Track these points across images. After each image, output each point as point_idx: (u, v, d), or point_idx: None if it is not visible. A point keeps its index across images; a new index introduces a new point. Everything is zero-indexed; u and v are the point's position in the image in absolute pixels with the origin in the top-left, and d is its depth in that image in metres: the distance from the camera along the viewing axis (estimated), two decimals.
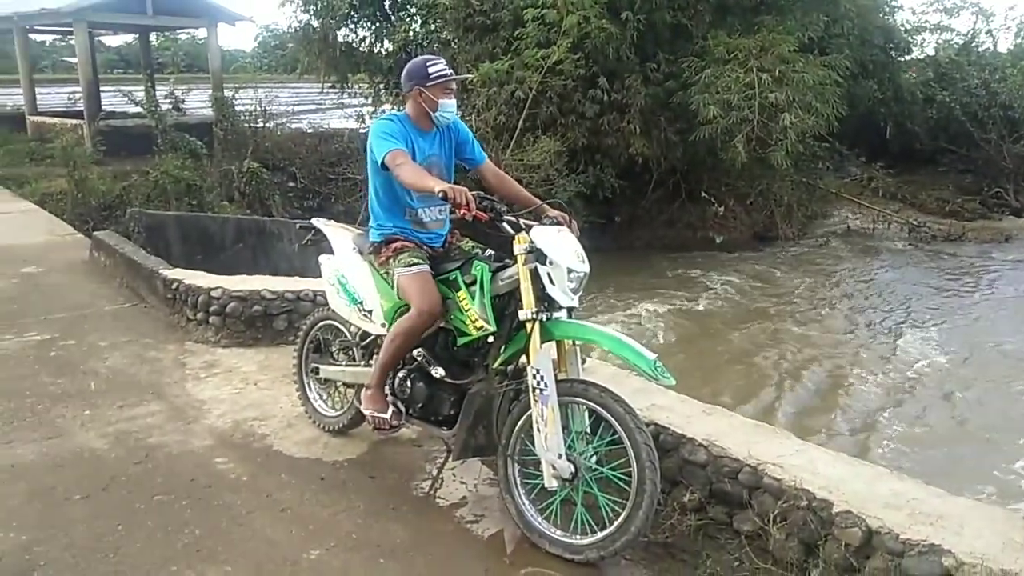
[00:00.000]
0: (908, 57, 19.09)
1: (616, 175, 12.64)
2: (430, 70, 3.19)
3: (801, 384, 7.66)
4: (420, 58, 3.29)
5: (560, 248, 2.86)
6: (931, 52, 19.73)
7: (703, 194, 13.89)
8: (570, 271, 2.83)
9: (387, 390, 3.26)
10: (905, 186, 16.42)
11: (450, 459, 3.35)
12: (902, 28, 18.81)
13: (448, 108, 3.20)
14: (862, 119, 16.42)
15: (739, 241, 13.76)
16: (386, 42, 15.06)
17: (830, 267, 12.76)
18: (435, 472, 3.44)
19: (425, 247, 3.29)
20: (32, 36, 20.69)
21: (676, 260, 12.86)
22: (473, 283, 3.04)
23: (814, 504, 2.56)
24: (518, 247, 2.88)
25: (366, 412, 3.25)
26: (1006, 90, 17.26)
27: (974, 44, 20.24)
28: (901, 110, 17.29)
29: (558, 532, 2.85)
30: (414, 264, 3.12)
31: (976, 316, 10.27)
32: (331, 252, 3.66)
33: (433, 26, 14.28)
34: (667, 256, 13.10)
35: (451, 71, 3.22)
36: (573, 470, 2.78)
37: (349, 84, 16.52)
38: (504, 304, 3.00)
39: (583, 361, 3.15)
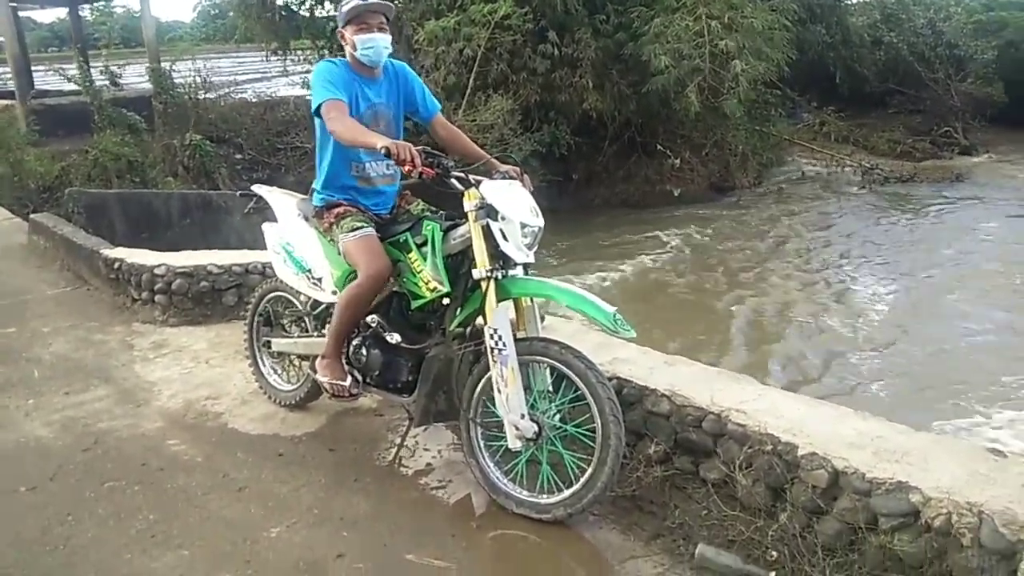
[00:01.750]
0: (855, 0, 19.15)
1: (571, 132, 12.51)
2: (343, 9, 3.02)
3: (761, 331, 7.76)
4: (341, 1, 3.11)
5: (512, 202, 2.75)
6: None
7: (659, 147, 13.84)
8: (523, 226, 2.73)
9: (343, 359, 3.15)
10: (857, 129, 16.59)
11: (412, 427, 3.27)
12: None
13: (367, 44, 2.99)
14: (812, 64, 16.48)
15: (696, 193, 13.76)
16: (327, 3, 14.59)
17: (786, 214, 12.87)
18: (398, 441, 3.36)
19: (370, 213, 3.15)
20: None
21: (635, 215, 12.85)
22: (424, 244, 2.93)
23: (779, 448, 2.54)
24: (468, 203, 2.77)
25: (323, 381, 3.14)
26: (951, 29, 17.46)
27: None
28: (850, 53, 17.37)
29: (524, 492, 2.80)
30: (358, 228, 2.99)
31: (931, 256, 10.45)
32: (275, 220, 3.51)
33: None
34: (626, 211, 13.09)
35: (369, 2, 2.99)
36: (536, 429, 2.72)
37: (292, 50, 16.02)
38: (458, 264, 2.90)
39: (542, 319, 3.06)
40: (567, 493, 2.69)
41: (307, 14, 14.87)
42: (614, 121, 12.97)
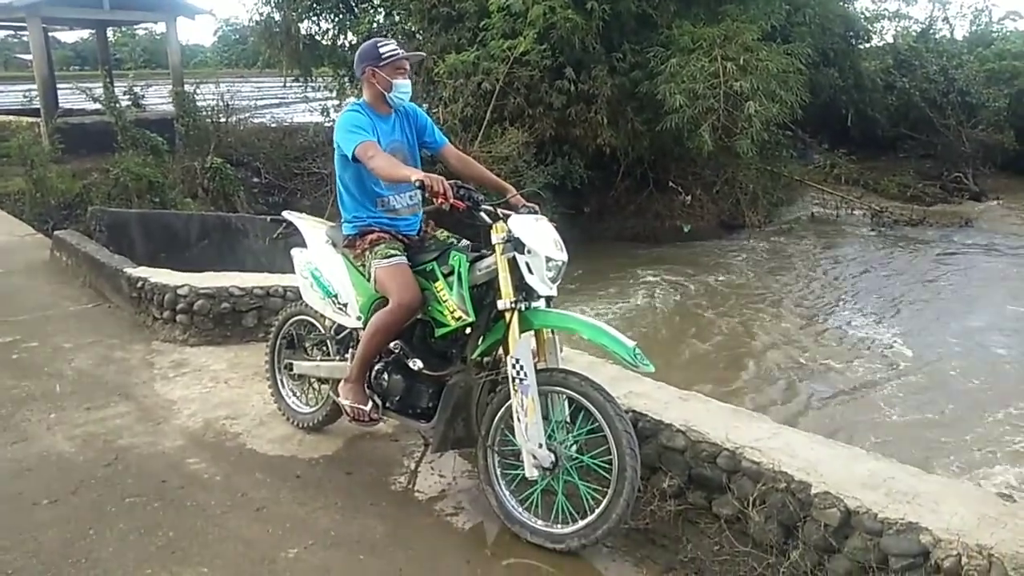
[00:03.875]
0: (868, 45, 19.44)
1: (584, 165, 12.65)
2: (381, 50, 3.16)
3: (771, 370, 7.76)
4: (370, 40, 3.27)
5: (538, 237, 2.84)
6: (890, 40, 20.11)
7: (670, 183, 13.98)
8: (548, 260, 2.82)
9: (365, 383, 3.22)
10: (867, 172, 16.71)
11: (428, 452, 3.32)
12: (862, 16, 19.15)
13: (403, 88, 3.18)
14: (824, 107, 16.68)
15: (706, 229, 13.86)
16: (349, 34, 14.89)
17: (796, 254, 12.93)
18: (413, 466, 3.41)
19: (401, 236, 3.26)
20: None
21: (645, 249, 12.95)
22: (450, 273, 3.02)
23: (792, 486, 2.58)
24: (496, 236, 2.86)
25: (345, 404, 3.21)
26: (963, 76, 17.65)
27: (932, 31, 20.70)
28: (862, 97, 17.59)
29: (539, 522, 2.84)
30: (391, 256, 3.09)
31: (939, 300, 10.48)
32: (302, 246, 3.61)
33: (397, 17, 14.17)
34: (636, 246, 13.19)
35: (402, 51, 3.19)
36: (553, 459, 2.77)
37: (312, 77, 16.32)
38: (482, 294, 2.98)
39: (561, 350, 3.13)
40: (582, 524, 2.73)
41: (329, 44, 15.16)
42: (627, 156, 13.12)
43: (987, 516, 2.33)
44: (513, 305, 2.81)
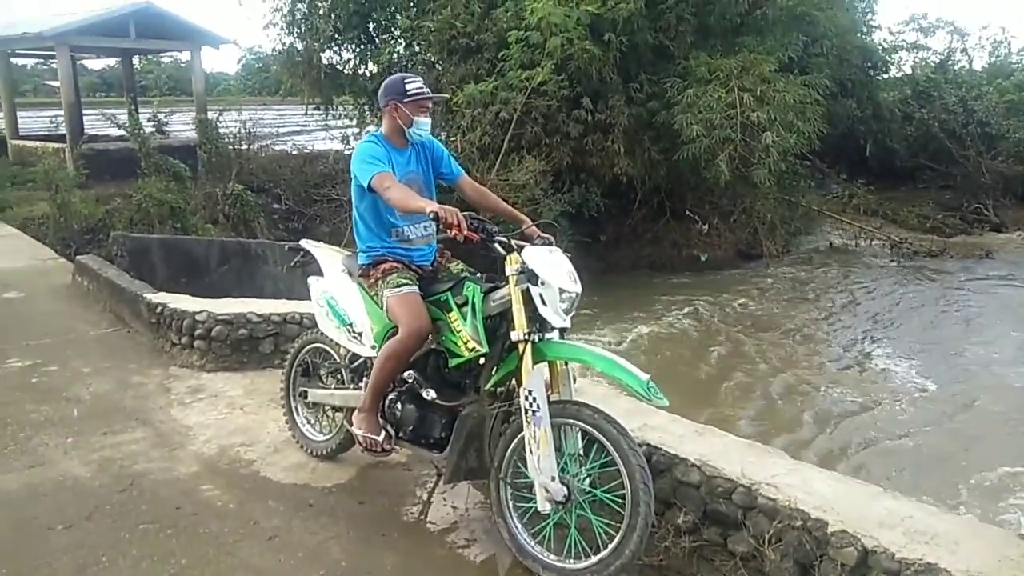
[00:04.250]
0: (886, 76, 19.44)
1: (601, 194, 12.70)
2: (407, 87, 3.21)
3: (788, 406, 7.66)
4: (398, 75, 3.34)
5: (552, 268, 2.85)
6: (908, 70, 20.13)
7: (687, 212, 13.99)
8: (562, 291, 2.82)
9: (378, 413, 3.22)
10: (886, 203, 16.62)
11: (441, 483, 3.31)
12: (880, 47, 19.18)
13: (423, 126, 3.24)
14: (842, 137, 16.67)
15: (723, 259, 13.83)
16: (370, 64, 15.12)
17: (814, 285, 12.85)
18: (425, 496, 3.40)
19: (415, 267, 3.28)
20: (13, 60, 20.58)
21: (662, 278, 12.93)
22: (464, 304, 3.02)
23: (809, 524, 2.55)
24: (510, 268, 2.87)
25: (358, 434, 3.21)
26: (983, 107, 17.60)
27: (950, 62, 20.71)
28: (880, 128, 17.58)
29: (551, 556, 2.81)
30: (403, 285, 3.11)
31: (960, 334, 10.34)
32: (319, 274, 3.64)
33: (417, 48, 14.37)
34: (653, 274, 13.18)
35: (428, 90, 3.25)
36: (566, 493, 2.75)
37: (333, 106, 16.56)
38: (496, 325, 2.99)
39: (574, 381, 3.13)
40: (594, 560, 2.70)
41: (350, 73, 15.38)
42: (644, 185, 13.16)
43: (1008, 558, 2.29)
44: (526, 337, 2.81)
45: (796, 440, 6.69)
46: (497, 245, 2.94)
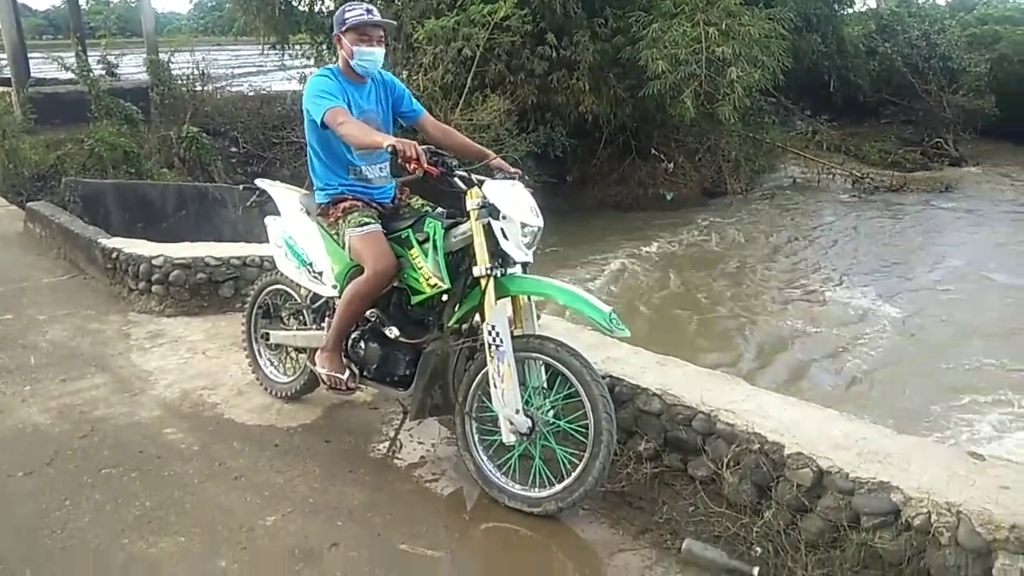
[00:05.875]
0: (850, 10, 19.33)
1: (567, 133, 12.57)
2: (346, 15, 3.09)
3: (752, 337, 7.82)
4: (344, 5, 3.18)
5: (513, 202, 2.82)
6: (872, 4, 20.03)
7: (653, 151, 13.94)
8: (524, 226, 2.80)
9: (342, 352, 3.20)
10: (849, 138, 16.74)
11: (407, 420, 3.32)
12: None
13: (366, 56, 3.09)
14: (807, 73, 16.61)
15: (689, 197, 13.87)
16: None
17: (778, 220, 12.99)
18: (392, 434, 3.41)
19: (375, 204, 3.22)
20: None
21: (628, 217, 12.95)
22: (426, 240, 2.99)
23: (766, 447, 2.61)
24: (471, 202, 2.83)
25: (322, 373, 3.19)
26: (945, 41, 17.65)
27: None
28: (844, 63, 17.54)
29: (517, 486, 2.85)
30: (365, 224, 3.05)
31: (918, 262, 10.59)
32: (277, 214, 3.56)
33: None
34: (620, 213, 13.19)
35: (370, 16, 3.08)
36: (531, 424, 2.78)
37: (290, 45, 16.03)
38: (458, 261, 2.96)
39: (538, 317, 3.13)
40: (559, 487, 2.75)
41: (306, 9, 14.87)
42: (610, 124, 13.04)
43: (956, 474, 2.36)
44: (489, 271, 2.79)
45: (755, 369, 6.85)
46: (457, 180, 2.89)
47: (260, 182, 3.72)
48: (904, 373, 6.86)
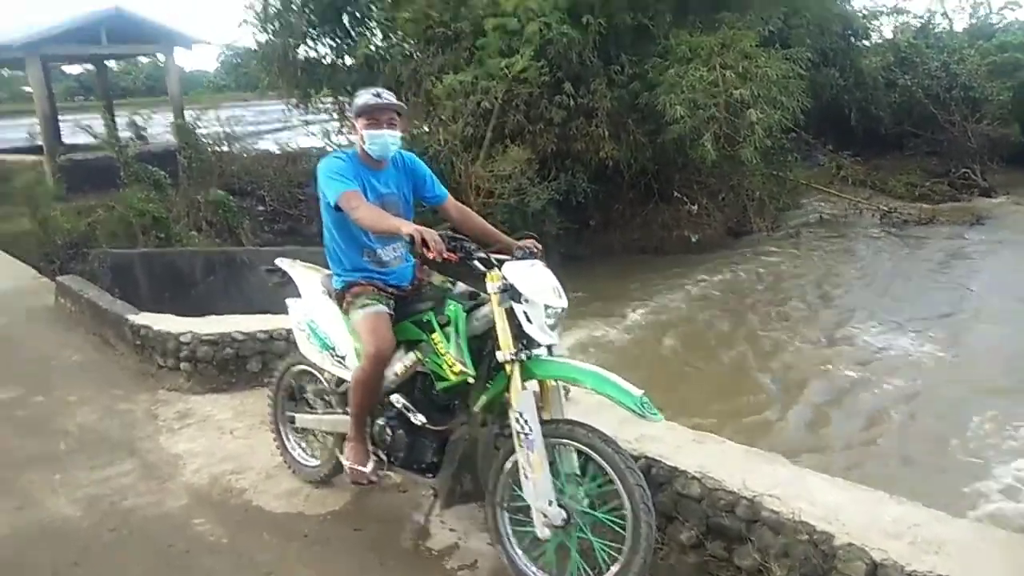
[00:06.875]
0: (867, 43, 19.28)
1: (588, 179, 12.58)
2: (357, 100, 3.09)
3: (788, 393, 7.50)
4: (360, 90, 3.18)
5: (535, 284, 2.75)
6: (889, 35, 19.95)
7: (675, 193, 13.90)
8: (547, 307, 2.72)
9: (367, 440, 3.14)
10: (873, 172, 16.57)
11: (436, 507, 3.24)
12: (859, 14, 19.02)
13: (375, 139, 3.05)
14: (826, 107, 16.56)
15: (714, 238, 13.76)
16: (347, 57, 14.90)
17: (806, 259, 12.81)
18: (421, 520, 3.32)
19: (391, 288, 3.18)
20: None
21: (652, 261, 12.84)
22: (448, 324, 2.93)
23: (815, 537, 2.48)
24: (491, 285, 2.77)
25: (345, 464, 3.14)
26: (965, 71, 17.50)
27: (931, 26, 20.55)
28: (864, 96, 17.46)
29: None
30: (367, 305, 3.02)
31: (954, 302, 10.31)
32: (298, 295, 3.54)
33: (394, 39, 14.16)
34: (643, 257, 13.09)
35: (378, 100, 3.05)
36: (565, 516, 2.67)
37: (313, 101, 16.30)
38: (481, 344, 2.89)
39: (566, 392, 3.04)
40: None
41: (329, 66, 15.14)
42: (630, 168, 13.03)
43: (1021, 566, 2.23)
44: (513, 357, 2.72)
45: (798, 434, 6.59)
46: (477, 262, 2.84)
47: (280, 262, 3.70)
48: (951, 427, 6.56)
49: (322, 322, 3.33)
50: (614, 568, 2.60)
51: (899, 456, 6.02)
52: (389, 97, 3.10)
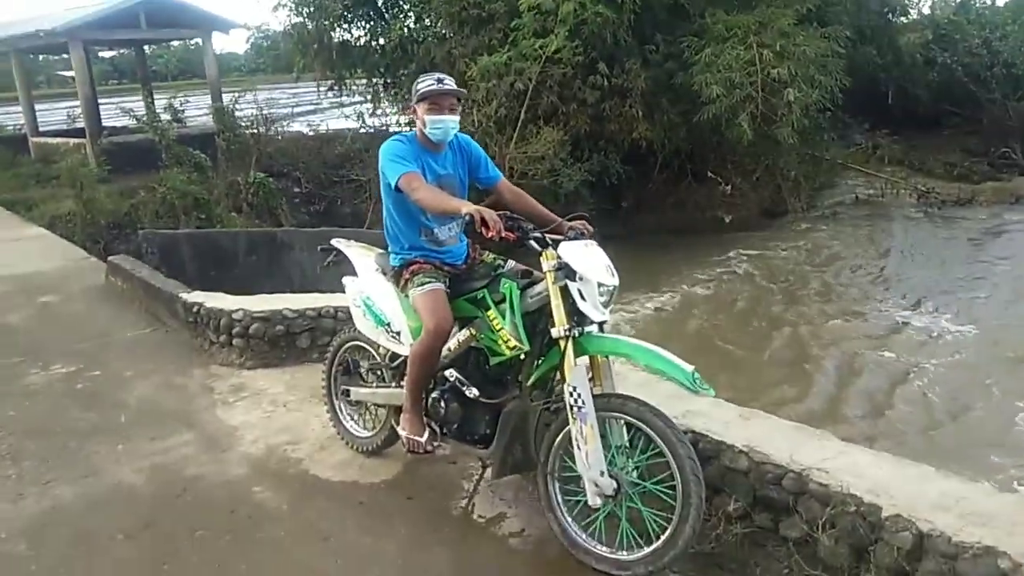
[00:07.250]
0: (905, 19, 18.92)
1: (621, 160, 12.59)
2: (419, 86, 3.18)
3: (828, 370, 7.54)
4: (421, 75, 3.27)
5: (589, 263, 2.83)
6: (927, 11, 19.57)
7: (709, 174, 13.85)
8: (600, 286, 2.81)
9: (422, 412, 3.26)
10: (911, 151, 16.32)
11: (488, 477, 3.35)
12: None
13: (437, 124, 3.14)
14: (863, 86, 16.28)
15: (748, 218, 13.69)
16: (381, 39, 14.96)
17: (842, 239, 12.70)
18: (471, 489, 3.44)
19: (447, 267, 3.28)
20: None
21: (686, 241, 12.81)
22: (502, 301, 3.02)
23: (862, 509, 2.55)
24: (546, 264, 2.86)
25: (402, 435, 3.26)
26: (1008, 48, 17.13)
27: (972, 1, 20.07)
28: (902, 74, 17.19)
29: (604, 548, 2.84)
30: (426, 283, 3.13)
31: (993, 283, 10.19)
32: (353, 273, 3.65)
33: (427, 21, 14.20)
34: (677, 238, 13.05)
35: (440, 85, 3.13)
36: (616, 486, 2.76)
37: (347, 84, 16.42)
38: (535, 320, 2.98)
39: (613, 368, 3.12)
40: (648, 550, 2.72)
41: (362, 49, 15.22)
42: (664, 149, 13.02)
43: None
44: (567, 333, 2.81)
45: (841, 410, 6.62)
46: (533, 242, 2.93)
47: (336, 242, 3.81)
48: (994, 408, 6.55)
49: (377, 299, 3.44)
50: (664, 536, 2.69)
51: (950, 436, 6.01)
52: (450, 83, 3.19)
